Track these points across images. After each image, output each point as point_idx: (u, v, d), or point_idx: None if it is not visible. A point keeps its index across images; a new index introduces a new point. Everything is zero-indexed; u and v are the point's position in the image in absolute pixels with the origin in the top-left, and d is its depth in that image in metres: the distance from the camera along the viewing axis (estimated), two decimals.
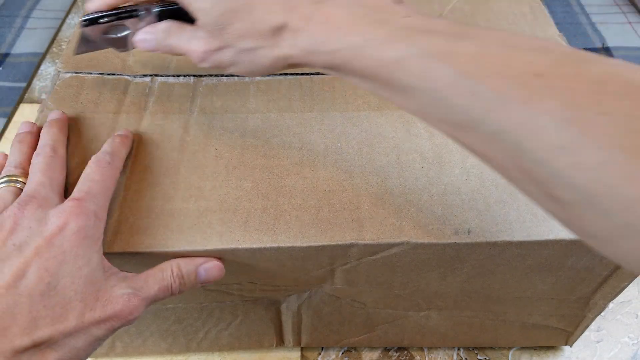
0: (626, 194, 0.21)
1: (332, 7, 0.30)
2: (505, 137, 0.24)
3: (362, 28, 0.28)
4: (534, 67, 0.24)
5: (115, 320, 0.31)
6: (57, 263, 0.30)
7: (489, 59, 0.25)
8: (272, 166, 0.39)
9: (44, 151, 0.36)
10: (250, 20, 0.31)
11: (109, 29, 0.38)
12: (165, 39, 0.36)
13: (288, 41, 0.31)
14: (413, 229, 0.35)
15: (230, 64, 0.34)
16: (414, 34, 0.27)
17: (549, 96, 0.23)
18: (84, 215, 0.32)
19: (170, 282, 0.34)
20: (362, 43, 0.28)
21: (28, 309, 0.28)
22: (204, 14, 0.32)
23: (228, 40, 0.32)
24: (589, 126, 0.22)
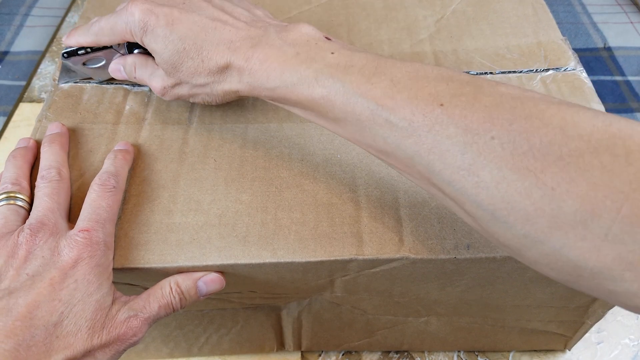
0: (521, 208, 0.24)
1: (267, 49, 0.33)
2: (418, 160, 0.28)
3: (294, 67, 0.32)
4: (437, 98, 0.27)
5: (119, 343, 0.31)
6: (70, 292, 0.30)
7: (400, 92, 0.28)
8: (271, 178, 0.38)
9: (49, 174, 0.36)
10: (199, 59, 0.35)
11: (87, 60, 0.42)
12: (132, 72, 0.40)
13: (235, 77, 0.35)
14: (412, 243, 0.35)
15: (188, 97, 0.38)
16: (338, 72, 0.30)
17: (449, 123, 0.26)
18: (96, 245, 0.32)
19: (170, 300, 0.34)
20: (295, 81, 0.32)
21: (43, 341, 0.29)
22: (158, 55, 0.36)
23: (182, 77, 0.36)
24: (484, 149, 0.25)
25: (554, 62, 0.46)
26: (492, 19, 0.50)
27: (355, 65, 0.30)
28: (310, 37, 0.34)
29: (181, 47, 0.35)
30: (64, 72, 0.44)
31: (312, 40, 0.33)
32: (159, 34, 0.35)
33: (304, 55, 0.32)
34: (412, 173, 0.29)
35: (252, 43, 0.34)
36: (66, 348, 0.29)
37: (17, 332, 0.28)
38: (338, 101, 0.30)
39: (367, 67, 0.30)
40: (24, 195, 0.35)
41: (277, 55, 0.33)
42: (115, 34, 0.38)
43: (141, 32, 0.36)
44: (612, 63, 0.74)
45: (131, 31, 0.36)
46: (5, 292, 0.30)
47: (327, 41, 0.33)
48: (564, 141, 0.24)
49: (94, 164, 0.39)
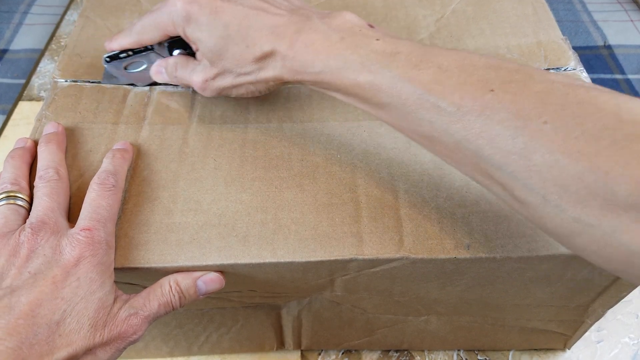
0: (574, 191, 0.24)
1: (311, 33, 0.33)
2: (466, 145, 0.28)
3: (339, 52, 0.32)
4: (487, 84, 0.27)
5: (120, 341, 0.32)
6: (72, 290, 0.31)
7: (448, 78, 0.29)
8: (271, 178, 0.38)
9: (47, 174, 0.36)
10: (244, 45, 0.35)
11: (128, 64, 0.43)
12: (173, 72, 0.40)
13: (279, 63, 0.34)
14: (412, 243, 0.35)
15: (231, 87, 0.38)
16: (384, 58, 0.31)
17: (500, 108, 0.26)
18: (97, 244, 0.32)
19: (170, 298, 0.34)
20: (340, 66, 0.32)
21: (45, 339, 0.29)
22: (203, 43, 0.36)
23: (226, 66, 0.36)
24: (536, 134, 0.25)
25: (554, 62, 0.46)
26: (492, 18, 0.50)
27: (402, 52, 0.31)
28: (354, 23, 0.34)
29: (225, 34, 0.35)
30: (105, 77, 0.45)
31: (355, 27, 0.34)
32: (202, 22, 0.35)
33: (348, 40, 0.32)
34: (457, 159, 0.29)
35: (296, 28, 0.34)
36: (68, 345, 0.29)
37: (20, 330, 0.28)
38: (384, 86, 0.30)
39: (413, 54, 0.30)
40: (23, 195, 0.35)
41: (322, 40, 0.33)
42: (158, 29, 0.38)
43: (184, 22, 0.36)
44: (612, 61, 0.74)
45: (174, 22, 0.37)
46: (8, 291, 0.30)
47: (370, 28, 0.34)
48: (619, 126, 0.24)
49: (94, 164, 0.39)
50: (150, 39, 0.40)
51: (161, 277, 0.35)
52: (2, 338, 0.28)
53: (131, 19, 0.50)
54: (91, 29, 0.49)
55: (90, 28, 0.49)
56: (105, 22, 0.50)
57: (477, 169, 0.29)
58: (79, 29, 0.49)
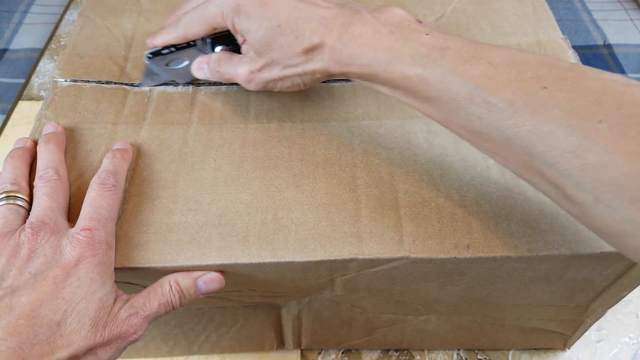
0: (628, 191, 0.24)
1: (360, 26, 0.33)
2: (517, 142, 0.27)
3: (388, 45, 0.32)
4: (540, 81, 0.27)
5: (121, 341, 0.32)
6: (73, 290, 0.31)
7: (500, 74, 0.28)
8: (271, 178, 0.38)
9: (47, 174, 0.36)
10: (293, 36, 0.35)
11: (170, 61, 0.43)
12: (216, 67, 0.40)
13: (326, 55, 0.34)
14: (412, 243, 0.35)
15: (277, 80, 0.37)
16: (434, 52, 0.31)
17: (553, 106, 0.26)
18: (97, 244, 0.32)
19: (170, 298, 0.34)
20: (389, 59, 0.32)
21: (46, 340, 0.29)
22: (251, 33, 0.36)
23: (274, 57, 0.36)
24: (590, 132, 0.25)
25: None
26: (492, 17, 0.50)
27: (452, 47, 0.31)
28: (402, 17, 0.34)
29: (275, 24, 0.35)
30: (147, 75, 0.45)
31: (404, 21, 0.34)
32: (252, 13, 0.36)
33: (398, 34, 0.32)
34: (507, 156, 0.29)
35: (345, 21, 0.34)
36: (69, 346, 0.29)
37: (21, 330, 0.28)
38: (434, 80, 0.30)
39: (463, 49, 0.30)
40: (23, 195, 0.35)
41: (371, 32, 0.33)
42: (205, 22, 0.39)
43: (233, 13, 0.36)
44: (612, 60, 0.74)
45: (223, 14, 0.37)
46: (8, 291, 0.30)
47: (419, 23, 0.34)
48: None
49: (94, 164, 0.39)
50: (196, 33, 0.40)
51: (161, 276, 0.35)
52: (3, 338, 0.28)
53: (131, 19, 0.50)
54: (91, 29, 0.49)
55: (89, 28, 0.49)
56: (105, 21, 0.50)
57: (527, 166, 0.28)
58: (78, 29, 0.49)
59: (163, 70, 0.43)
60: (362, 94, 0.44)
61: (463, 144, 0.40)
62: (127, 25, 0.50)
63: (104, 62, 0.46)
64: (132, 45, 0.48)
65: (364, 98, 0.44)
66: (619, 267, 0.37)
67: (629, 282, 0.38)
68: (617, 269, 0.37)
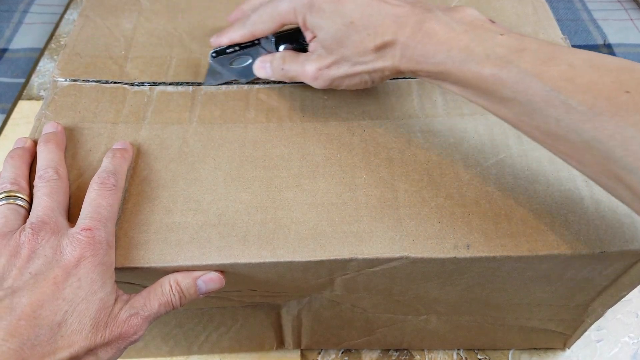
0: None
1: (434, 24, 0.33)
2: (596, 145, 0.27)
3: (463, 44, 0.32)
4: (622, 86, 0.27)
5: (121, 341, 0.32)
6: (73, 290, 0.30)
7: (580, 77, 0.28)
8: (271, 178, 0.38)
9: (47, 174, 0.36)
10: (365, 33, 0.35)
11: (234, 60, 0.44)
12: (281, 65, 0.41)
13: (398, 52, 0.34)
14: (412, 243, 0.35)
15: (345, 77, 0.38)
16: (510, 53, 0.30)
17: (635, 111, 0.26)
18: (98, 244, 0.32)
19: (170, 298, 0.34)
20: (464, 58, 0.32)
21: (47, 340, 0.29)
22: (323, 30, 0.36)
23: (345, 54, 0.36)
24: None
25: None
26: (492, 17, 0.50)
27: (528, 48, 0.30)
28: (475, 17, 0.34)
29: (348, 21, 0.35)
30: (210, 74, 0.45)
31: (477, 21, 0.33)
32: (325, 9, 0.36)
33: (472, 33, 0.32)
34: (583, 159, 0.29)
35: (419, 19, 0.34)
36: (70, 346, 0.29)
37: (22, 331, 0.28)
38: (510, 81, 0.30)
39: (540, 50, 0.30)
40: (23, 195, 0.35)
41: (445, 31, 0.33)
42: (275, 20, 0.39)
43: (306, 9, 0.37)
44: None
45: (295, 10, 0.37)
46: (9, 291, 0.30)
47: (492, 23, 0.34)
48: None
49: (93, 164, 0.39)
50: (265, 30, 0.40)
51: (161, 276, 0.35)
52: (4, 339, 0.28)
53: (131, 19, 0.50)
54: (91, 29, 0.49)
55: (90, 27, 0.49)
56: (105, 21, 0.50)
57: (604, 170, 0.28)
58: (78, 28, 0.49)
59: (226, 69, 0.44)
60: (362, 93, 0.44)
61: (463, 144, 0.40)
62: (127, 25, 0.50)
63: (104, 61, 0.46)
64: (132, 45, 0.48)
65: (365, 98, 0.43)
66: (619, 267, 0.37)
67: (629, 281, 0.38)
68: (617, 268, 0.37)
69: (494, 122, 0.41)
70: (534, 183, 0.38)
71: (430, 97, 0.44)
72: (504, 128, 0.41)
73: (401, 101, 0.43)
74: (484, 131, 0.41)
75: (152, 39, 0.48)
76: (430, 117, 0.42)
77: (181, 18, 0.51)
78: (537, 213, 0.36)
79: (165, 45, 0.48)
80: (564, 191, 0.37)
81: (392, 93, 0.44)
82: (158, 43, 0.48)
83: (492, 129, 0.41)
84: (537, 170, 0.38)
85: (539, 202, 0.37)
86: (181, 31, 0.49)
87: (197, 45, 0.48)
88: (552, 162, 0.39)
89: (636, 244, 0.35)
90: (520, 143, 0.40)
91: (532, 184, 0.38)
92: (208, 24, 0.50)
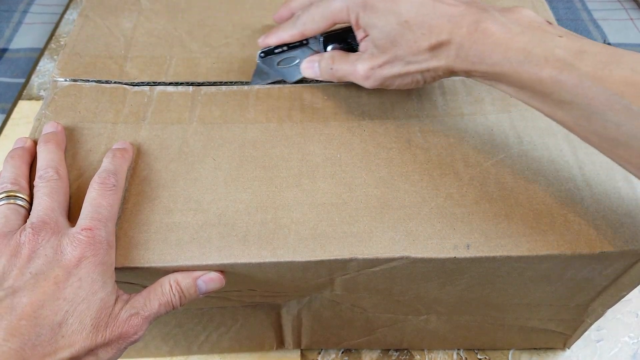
0: None
1: (490, 24, 0.32)
2: None
3: (522, 45, 0.31)
4: None
5: (121, 341, 0.32)
6: (74, 290, 0.30)
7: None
8: (271, 178, 0.38)
9: (47, 174, 0.36)
10: (420, 32, 0.34)
11: (281, 60, 0.44)
12: (330, 65, 0.41)
13: (452, 52, 0.34)
14: (412, 243, 0.35)
15: (397, 76, 0.37)
16: (569, 55, 0.30)
17: None
18: (98, 244, 0.32)
19: (170, 297, 0.34)
20: (521, 59, 0.31)
21: (48, 340, 0.29)
22: (377, 28, 0.36)
23: (399, 53, 0.36)
24: None
25: None
26: None
27: (588, 51, 0.30)
28: (532, 19, 0.33)
29: (402, 20, 0.35)
30: (257, 74, 0.45)
31: (534, 22, 0.33)
32: (379, 8, 0.36)
33: (530, 35, 0.32)
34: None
35: (475, 18, 0.33)
36: (70, 346, 0.29)
37: (22, 331, 0.28)
38: (569, 84, 0.29)
39: (601, 53, 0.30)
40: (23, 195, 0.35)
41: (502, 31, 0.32)
42: (327, 19, 0.39)
43: (360, 8, 0.36)
44: None
45: (348, 8, 0.37)
46: (9, 291, 0.30)
47: (550, 25, 0.33)
48: None
49: (93, 164, 0.39)
50: (315, 29, 0.40)
51: (161, 276, 0.35)
52: (5, 339, 0.28)
53: (130, 18, 0.50)
54: (91, 28, 0.49)
55: (89, 27, 0.49)
56: (105, 21, 0.50)
57: None
58: (78, 28, 0.49)
59: (273, 69, 0.44)
60: (362, 94, 0.44)
61: (463, 144, 0.40)
62: (127, 25, 0.50)
63: (103, 61, 0.46)
64: (132, 44, 0.48)
65: (365, 98, 0.44)
66: (619, 266, 0.37)
67: (629, 281, 0.38)
68: (617, 268, 0.37)
69: (494, 122, 0.42)
70: (534, 183, 0.38)
71: (430, 97, 0.44)
72: (504, 128, 0.41)
73: (401, 101, 0.43)
74: (484, 131, 0.41)
75: (152, 38, 0.48)
76: (430, 117, 0.42)
77: (181, 18, 0.51)
78: (537, 213, 0.36)
79: (165, 45, 0.48)
80: (564, 191, 0.37)
81: (392, 93, 0.44)
82: (158, 43, 0.48)
83: (492, 129, 0.41)
84: (537, 170, 0.38)
85: (539, 202, 0.37)
86: (181, 31, 0.49)
87: (197, 45, 0.48)
88: (552, 162, 0.39)
89: (636, 244, 0.35)
90: (520, 143, 0.40)
91: (532, 184, 0.38)
92: (208, 24, 0.50)
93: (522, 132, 0.41)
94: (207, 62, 0.46)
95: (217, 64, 0.46)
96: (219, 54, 0.47)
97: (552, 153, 0.39)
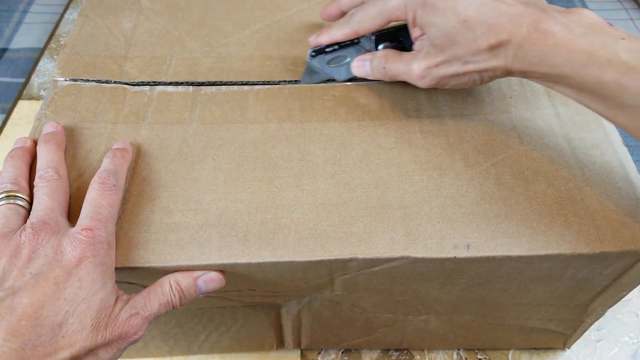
0: None
1: (551, 24, 0.32)
2: None
3: (585, 47, 0.31)
4: None
5: (121, 341, 0.32)
6: (74, 290, 0.30)
7: None
8: (271, 178, 0.38)
9: (47, 174, 0.36)
10: (480, 31, 0.34)
11: (332, 59, 0.44)
12: (382, 64, 0.40)
13: (510, 53, 0.34)
14: (412, 243, 0.35)
15: (454, 76, 0.37)
16: (633, 58, 0.29)
17: None
18: (99, 244, 0.32)
19: (170, 297, 0.34)
20: (584, 61, 0.31)
21: (49, 341, 0.29)
22: (435, 27, 0.36)
23: (457, 52, 0.35)
24: None
25: None
26: None
27: None
28: (593, 20, 0.33)
29: (462, 19, 0.35)
30: (307, 73, 0.45)
31: (596, 24, 0.32)
32: (438, 6, 0.35)
33: (592, 36, 0.31)
34: None
35: (535, 19, 0.33)
36: (71, 346, 0.29)
37: (23, 331, 0.28)
38: (632, 87, 0.29)
39: None
40: (23, 195, 0.35)
41: (564, 32, 0.32)
42: (382, 17, 0.39)
43: (418, 6, 0.36)
44: None
45: (406, 6, 0.37)
46: (10, 292, 0.30)
47: (611, 27, 0.33)
48: None
49: (93, 164, 0.39)
50: (369, 28, 0.40)
51: (161, 276, 0.35)
52: (5, 339, 0.28)
53: (131, 18, 0.50)
54: (91, 28, 0.49)
55: (89, 27, 0.49)
56: (105, 21, 0.50)
57: None
58: (78, 28, 0.49)
59: (323, 68, 0.44)
60: (362, 94, 0.44)
61: (463, 144, 0.40)
62: (127, 25, 0.50)
63: (103, 61, 0.46)
64: (132, 44, 0.48)
65: (364, 98, 0.43)
66: (619, 266, 0.37)
67: (629, 281, 0.38)
68: (617, 268, 0.37)
69: (494, 122, 0.42)
70: (534, 183, 0.38)
71: (430, 97, 0.44)
72: (504, 128, 0.41)
73: (401, 101, 0.43)
74: (484, 131, 0.41)
75: (152, 38, 0.48)
76: (430, 117, 0.42)
77: (181, 17, 0.51)
78: (537, 213, 0.36)
79: (165, 44, 0.48)
80: (564, 191, 0.37)
81: (391, 93, 0.44)
82: (158, 42, 0.48)
83: (492, 129, 0.41)
84: (537, 170, 0.38)
85: (539, 202, 0.37)
86: (181, 31, 0.49)
87: (197, 45, 0.48)
88: (552, 162, 0.39)
89: (636, 244, 0.35)
90: (520, 143, 0.40)
91: (532, 184, 0.38)
92: (208, 24, 0.50)
93: (522, 132, 0.41)
94: (207, 62, 0.46)
95: (217, 64, 0.46)
96: (219, 54, 0.47)
97: (552, 153, 0.39)
